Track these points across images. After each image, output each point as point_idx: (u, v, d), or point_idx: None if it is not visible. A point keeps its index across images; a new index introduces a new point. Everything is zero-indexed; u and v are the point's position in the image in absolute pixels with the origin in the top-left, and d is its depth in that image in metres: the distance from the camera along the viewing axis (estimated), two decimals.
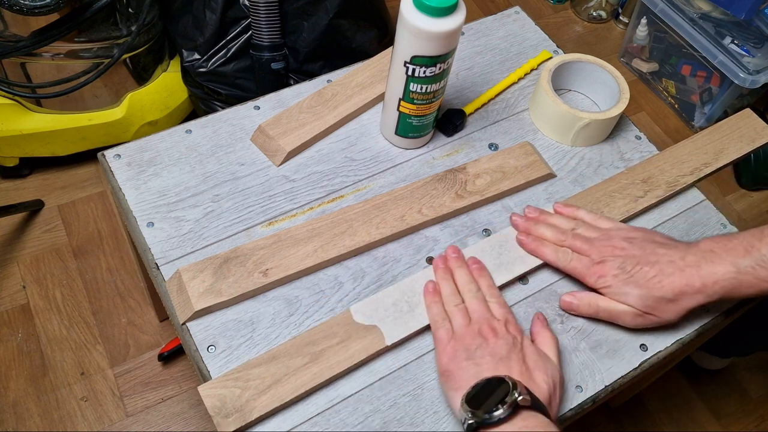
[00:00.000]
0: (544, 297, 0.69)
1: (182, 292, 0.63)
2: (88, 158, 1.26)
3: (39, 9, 0.96)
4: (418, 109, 0.72)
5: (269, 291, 0.66)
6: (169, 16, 1.20)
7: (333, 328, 0.62)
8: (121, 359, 1.08)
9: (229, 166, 0.74)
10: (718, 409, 1.15)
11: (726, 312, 0.70)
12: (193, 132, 0.77)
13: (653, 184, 0.76)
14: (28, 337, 1.08)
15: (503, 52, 0.90)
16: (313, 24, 1.14)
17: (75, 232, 1.20)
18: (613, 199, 0.74)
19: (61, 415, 1.02)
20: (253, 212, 0.71)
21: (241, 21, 1.14)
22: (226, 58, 1.17)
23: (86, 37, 1.07)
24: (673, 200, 0.77)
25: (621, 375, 0.65)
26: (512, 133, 0.82)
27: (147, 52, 1.17)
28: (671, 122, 1.53)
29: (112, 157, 0.74)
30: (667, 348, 0.67)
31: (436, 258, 0.68)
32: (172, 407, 1.05)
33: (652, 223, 0.75)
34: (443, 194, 0.73)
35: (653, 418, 1.13)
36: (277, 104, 0.80)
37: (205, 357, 0.61)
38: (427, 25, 0.63)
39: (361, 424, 0.59)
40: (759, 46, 1.36)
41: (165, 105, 1.24)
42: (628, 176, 0.76)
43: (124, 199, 0.71)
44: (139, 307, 1.13)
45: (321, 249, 0.67)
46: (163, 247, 0.68)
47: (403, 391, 0.62)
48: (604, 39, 1.68)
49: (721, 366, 1.17)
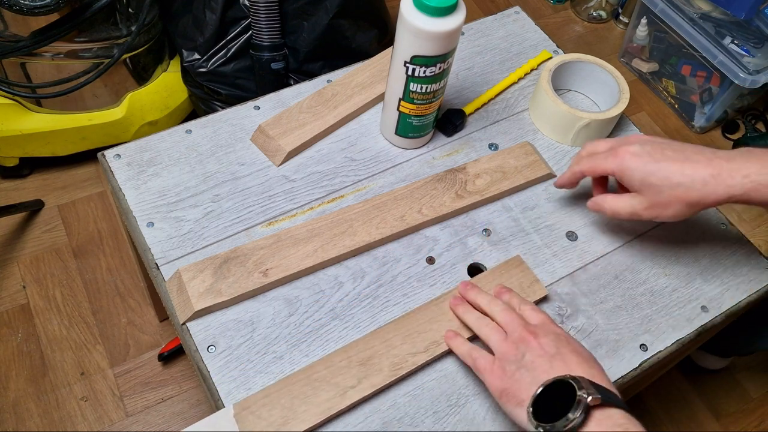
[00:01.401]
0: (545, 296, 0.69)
1: (182, 292, 0.63)
2: (88, 158, 1.26)
3: (39, 9, 0.96)
4: (418, 108, 0.72)
5: (269, 291, 0.66)
6: (169, 16, 1.20)
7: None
8: (121, 359, 1.08)
9: (229, 166, 0.74)
10: (718, 409, 1.15)
11: (726, 312, 0.70)
12: (193, 132, 0.77)
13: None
14: (28, 337, 1.08)
15: (503, 52, 0.90)
16: (313, 24, 1.14)
17: (75, 232, 1.20)
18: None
19: (61, 415, 1.02)
20: (253, 212, 0.71)
21: (241, 21, 1.14)
22: (226, 58, 1.17)
23: (86, 37, 1.07)
24: None
25: (621, 375, 0.65)
26: (512, 133, 0.82)
27: (147, 52, 1.17)
28: (671, 122, 1.53)
29: (112, 157, 0.74)
30: (667, 348, 0.67)
31: (452, 299, 0.65)
32: (172, 407, 1.05)
33: (653, 222, 0.75)
34: (443, 194, 0.73)
35: (653, 418, 1.13)
36: (277, 104, 0.80)
37: (205, 357, 0.61)
38: (427, 25, 0.63)
39: (361, 424, 0.59)
40: (759, 46, 1.36)
41: (165, 105, 1.24)
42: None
43: (124, 199, 0.71)
44: (139, 307, 1.13)
45: (321, 249, 0.67)
46: (163, 247, 0.68)
47: (402, 391, 0.62)
48: (604, 39, 1.68)
49: (721, 366, 1.17)
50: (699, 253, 0.74)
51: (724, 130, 1.53)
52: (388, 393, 0.61)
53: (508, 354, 0.56)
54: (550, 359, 0.54)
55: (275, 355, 0.62)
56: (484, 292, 0.63)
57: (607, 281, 0.71)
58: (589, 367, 0.53)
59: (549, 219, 0.75)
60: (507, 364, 0.55)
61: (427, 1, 0.62)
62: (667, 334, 0.68)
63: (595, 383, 0.50)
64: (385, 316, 0.66)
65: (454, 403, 0.61)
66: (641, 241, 0.74)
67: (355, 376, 0.60)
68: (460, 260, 0.70)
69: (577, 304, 0.69)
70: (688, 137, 1.50)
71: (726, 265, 0.73)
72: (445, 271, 0.69)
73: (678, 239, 0.75)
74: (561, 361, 0.53)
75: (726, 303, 0.70)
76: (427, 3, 0.62)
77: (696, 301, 0.70)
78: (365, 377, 0.60)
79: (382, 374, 0.60)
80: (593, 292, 0.70)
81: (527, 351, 0.55)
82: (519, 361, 0.55)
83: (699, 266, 0.73)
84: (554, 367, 0.53)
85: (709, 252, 0.74)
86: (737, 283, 0.72)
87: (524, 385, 0.53)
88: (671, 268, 0.72)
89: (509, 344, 0.56)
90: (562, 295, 0.69)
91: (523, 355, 0.55)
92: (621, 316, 0.68)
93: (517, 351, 0.55)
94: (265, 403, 0.58)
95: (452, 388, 0.62)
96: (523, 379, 0.53)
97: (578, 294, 0.69)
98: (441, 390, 0.62)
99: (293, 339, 0.63)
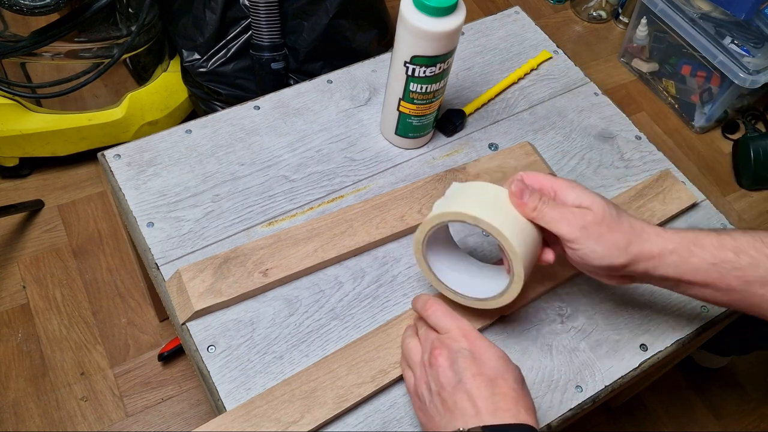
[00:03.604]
0: (545, 296, 0.69)
1: (182, 292, 0.63)
2: (88, 158, 1.26)
3: (39, 9, 0.96)
4: (418, 108, 0.72)
5: (269, 291, 0.66)
6: (169, 16, 1.20)
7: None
8: (121, 359, 1.08)
9: (229, 166, 0.74)
10: (718, 409, 1.15)
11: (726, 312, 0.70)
12: (193, 132, 0.77)
13: None
14: (28, 337, 1.08)
15: (503, 52, 0.90)
16: (313, 24, 1.14)
17: (75, 232, 1.20)
18: None
19: (61, 415, 1.02)
20: (253, 212, 0.71)
21: (241, 21, 1.14)
22: (226, 58, 1.17)
23: (86, 37, 1.07)
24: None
25: (621, 375, 0.65)
26: (512, 133, 0.82)
27: (147, 52, 1.17)
28: (671, 122, 1.53)
29: (112, 157, 0.74)
30: (667, 348, 0.67)
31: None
32: (172, 407, 1.05)
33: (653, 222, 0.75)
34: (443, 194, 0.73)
35: (653, 418, 1.13)
36: (277, 104, 0.80)
37: (205, 357, 0.61)
38: (427, 25, 0.63)
39: (361, 424, 0.59)
40: (759, 46, 1.36)
41: (165, 105, 1.24)
42: None
43: (124, 199, 0.71)
44: (139, 307, 1.13)
45: (321, 249, 0.67)
46: (163, 247, 0.68)
47: (402, 390, 0.62)
48: (604, 39, 1.68)
49: (720, 364, 1.17)
50: None
51: (724, 130, 1.53)
52: (389, 393, 0.61)
53: (421, 378, 0.53)
54: (452, 391, 0.50)
55: (275, 355, 0.62)
56: (420, 297, 0.58)
57: None
58: (491, 393, 0.49)
59: None
60: (423, 390, 0.53)
61: (427, 1, 0.62)
62: (667, 334, 0.68)
63: (491, 427, 0.47)
64: (385, 316, 0.66)
65: None
66: None
67: (298, 410, 0.57)
68: None
69: (577, 304, 0.69)
70: (689, 137, 1.51)
71: None
72: None
73: None
74: (463, 395, 0.50)
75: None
76: (427, 3, 0.62)
77: (696, 301, 0.70)
78: (308, 411, 0.58)
79: (326, 407, 0.58)
80: (593, 292, 0.70)
81: (434, 376, 0.52)
82: (430, 389, 0.52)
83: None
84: (456, 406, 0.49)
85: None
86: None
87: (439, 421, 0.51)
88: None
89: (421, 366, 0.54)
90: (562, 295, 0.69)
91: (432, 383, 0.52)
92: (621, 316, 0.68)
93: (427, 375, 0.53)
94: None
95: None
96: (437, 414, 0.51)
97: (578, 294, 0.69)
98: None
99: (293, 339, 0.63)
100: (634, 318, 0.68)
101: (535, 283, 0.68)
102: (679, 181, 0.78)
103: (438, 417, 0.51)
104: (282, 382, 0.59)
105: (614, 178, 0.79)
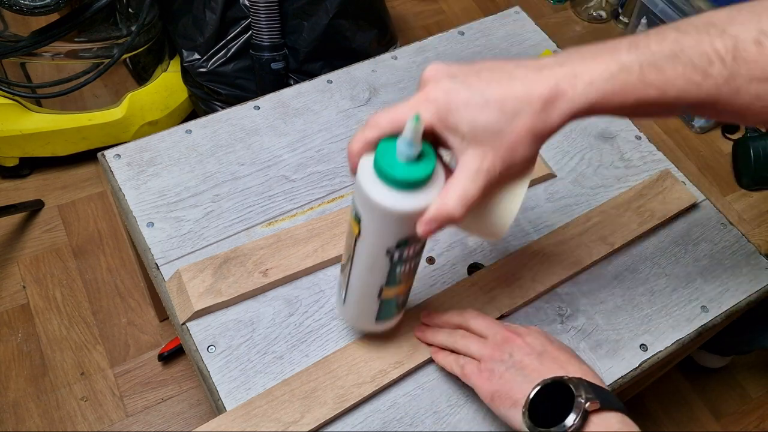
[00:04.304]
0: (545, 297, 0.69)
1: (182, 292, 0.63)
2: (88, 158, 1.26)
3: (39, 9, 0.96)
4: (407, 284, 0.56)
5: (269, 291, 0.66)
6: (169, 16, 1.20)
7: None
8: (121, 359, 1.08)
9: (229, 166, 0.74)
10: (718, 409, 1.15)
11: (726, 312, 0.70)
12: (193, 132, 0.77)
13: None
14: (28, 337, 1.08)
15: (503, 52, 0.90)
16: (313, 24, 1.14)
17: (75, 232, 1.20)
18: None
19: (61, 415, 1.02)
20: (253, 212, 0.71)
21: (241, 21, 1.14)
22: (226, 58, 1.17)
23: (86, 37, 1.07)
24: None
25: (621, 375, 0.65)
26: None
27: (147, 52, 1.17)
28: (671, 122, 1.53)
29: (112, 157, 0.74)
30: (667, 348, 0.67)
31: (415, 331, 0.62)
32: (172, 407, 1.05)
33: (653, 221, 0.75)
34: None
35: (653, 418, 1.12)
36: (277, 104, 0.80)
37: (205, 357, 0.61)
38: (415, 203, 0.45)
39: (361, 424, 0.59)
40: None
41: (165, 105, 1.24)
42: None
43: (124, 199, 0.71)
44: (139, 307, 1.13)
45: (321, 249, 0.67)
46: (163, 247, 0.68)
47: (402, 391, 0.62)
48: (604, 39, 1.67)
49: (720, 364, 1.17)
50: (699, 253, 0.74)
51: (723, 130, 1.52)
52: (389, 393, 0.61)
53: (493, 355, 0.54)
54: (539, 357, 0.53)
55: (275, 355, 0.62)
56: (449, 313, 0.61)
57: (607, 281, 0.71)
58: (579, 365, 0.52)
59: (549, 219, 0.75)
60: (495, 365, 0.54)
61: (400, 177, 0.44)
62: (667, 334, 0.68)
63: (593, 384, 0.49)
64: None
65: (454, 403, 0.61)
66: (641, 241, 0.74)
67: (298, 410, 0.57)
68: (460, 260, 0.70)
69: (577, 304, 0.69)
70: (688, 137, 1.51)
71: (726, 265, 0.73)
72: (445, 271, 0.69)
73: (678, 239, 0.75)
74: (550, 359, 0.52)
75: (726, 303, 0.70)
76: (399, 178, 0.44)
77: (696, 301, 0.70)
78: (308, 411, 0.58)
79: (326, 407, 0.58)
80: (593, 292, 0.70)
81: (514, 350, 0.54)
82: (506, 361, 0.53)
83: (699, 266, 0.73)
84: (545, 365, 0.52)
85: (709, 252, 0.74)
86: (737, 283, 0.72)
87: (516, 385, 0.52)
88: (671, 268, 0.72)
89: (492, 346, 0.55)
90: (562, 295, 0.69)
91: (510, 355, 0.53)
92: (621, 316, 0.68)
93: (502, 352, 0.54)
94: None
95: (452, 388, 0.62)
96: (514, 379, 0.52)
97: (578, 294, 0.69)
98: (441, 390, 0.62)
99: (293, 339, 0.63)
100: (634, 318, 0.68)
101: (536, 283, 0.68)
102: (679, 181, 0.78)
103: (520, 378, 0.52)
104: (282, 382, 0.59)
105: (614, 178, 0.79)
